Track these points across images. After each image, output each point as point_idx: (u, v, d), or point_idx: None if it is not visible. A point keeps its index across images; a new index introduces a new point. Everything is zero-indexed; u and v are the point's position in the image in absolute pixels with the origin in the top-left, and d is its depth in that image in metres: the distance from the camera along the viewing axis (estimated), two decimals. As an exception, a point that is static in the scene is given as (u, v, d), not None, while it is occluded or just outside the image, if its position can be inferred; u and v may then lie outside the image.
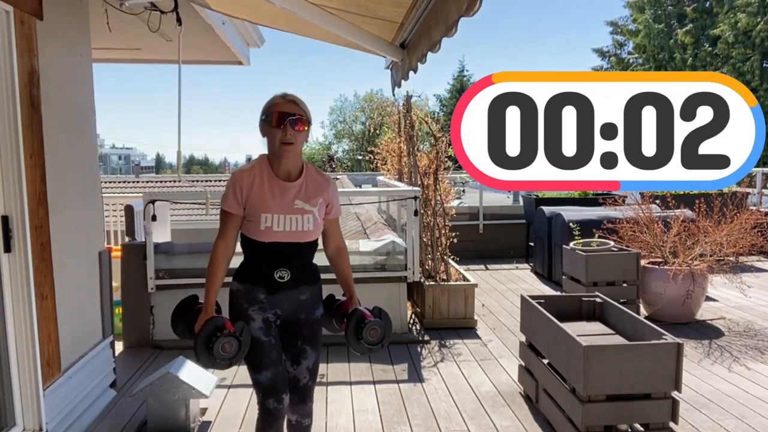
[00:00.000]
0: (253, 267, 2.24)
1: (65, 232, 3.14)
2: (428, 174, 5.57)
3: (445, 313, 5.09)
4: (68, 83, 3.30)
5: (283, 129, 2.12)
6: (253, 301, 2.23)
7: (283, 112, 2.13)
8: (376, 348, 2.28)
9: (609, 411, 2.84)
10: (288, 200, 2.18)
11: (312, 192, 2.23)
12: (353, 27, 3.70)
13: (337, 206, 2.36)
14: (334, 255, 2.40)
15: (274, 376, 2.23)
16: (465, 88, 43.48)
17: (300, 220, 2.19)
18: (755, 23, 24.61)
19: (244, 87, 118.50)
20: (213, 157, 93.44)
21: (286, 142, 2.13)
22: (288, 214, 2.17)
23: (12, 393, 2.69)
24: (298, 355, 2.31)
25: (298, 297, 2.27)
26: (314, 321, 2.33)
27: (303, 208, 2.19)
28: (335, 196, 2.33)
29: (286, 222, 2.17)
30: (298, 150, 2.19)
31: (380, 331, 2.25)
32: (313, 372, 2.35)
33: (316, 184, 2.25)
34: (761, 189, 9.03)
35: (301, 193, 2.21)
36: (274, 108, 2.15)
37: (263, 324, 2.23)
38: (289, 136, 2.13)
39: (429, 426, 3.26)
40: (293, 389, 2.31)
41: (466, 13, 2.35)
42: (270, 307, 2.24)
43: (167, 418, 3.11)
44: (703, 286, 5.01)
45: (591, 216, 6.46)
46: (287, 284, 2.21)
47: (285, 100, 2.17)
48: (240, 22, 4.93)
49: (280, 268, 2.19)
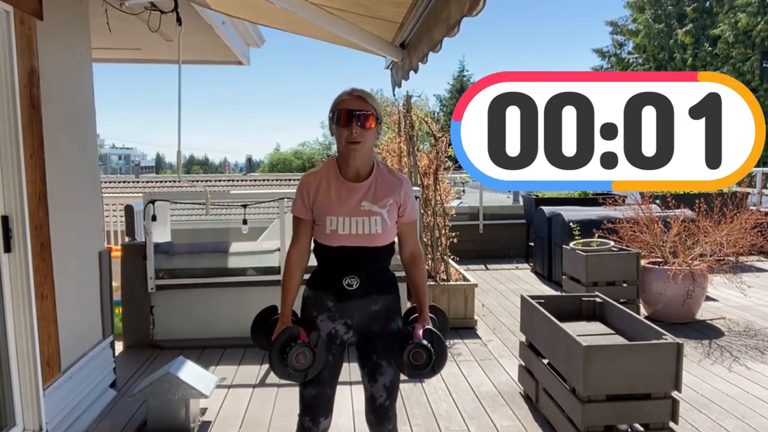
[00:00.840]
0: (322, 273, 2.14)
1: (65, 232, 3.14)
2: (428, 174, 5.57)
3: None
4: (68, 83, 3.30)
5: (349, 128, 2.00)
6: (323, 308, 2.12)
7: (350, 109, 2.00)
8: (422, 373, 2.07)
9: (609, 411, 2.84)
10: (354, 202, 2.06)
11: (381, 193, 2.09)
12: (353, 27, 3.70)
13: (412, 208, 2.18)
14: (408, 263, 2.22)
15: (317, 394, 2.13)
16: (465, 88, 43.48)
17: (367, 223, 2.06)
18: (755, 23, 24.61)
19: (244, 87, 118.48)
20: (213, 157, 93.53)
21: (353, 141, 2.01)
22: (354, 216, 2.05)
23: (12, 393, 2.69)
24: (374, 371, 2.15)
25: (369, 307, 2.12)
26: (390, 334, 2.15)
27: (371, 210, 2.07)
28: (409, 196, 2.16)
29: (352, 225, 2.05)
30: (367, 148, 2.06)
31: (425, 356, 2.03)
32: (390, 390, 2.18)
33: (387, 184, 2.11)
34: (761, 189, 9.03)
35: (369, 194, 2.08)
36: (340, 105, 2.03)
37: (326, 338, 2.12)
38: (355, 134, 2.00)
39: (429, 426, 3.26)
40: (371, 409, 2.19)
41: (468, 13, 2.34)
42: (339, 316, 2.12)
43: (167, 418, 3.11)
44: (703, 286, 5.01)
45: (591, 216, 6.46)
46: (356, 292, 2.08)
47: (352, 96, 2.04)
48: (240, 22, 4.93)
49: (349, 274, 2.07)
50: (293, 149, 48.24)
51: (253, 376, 4.01)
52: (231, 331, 4.68)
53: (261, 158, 56.71)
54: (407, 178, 2.22)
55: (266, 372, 4.07)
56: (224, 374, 4.00)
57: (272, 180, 16.53)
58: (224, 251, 5.09)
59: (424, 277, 2.22)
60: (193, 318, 4.69)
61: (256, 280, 4.69)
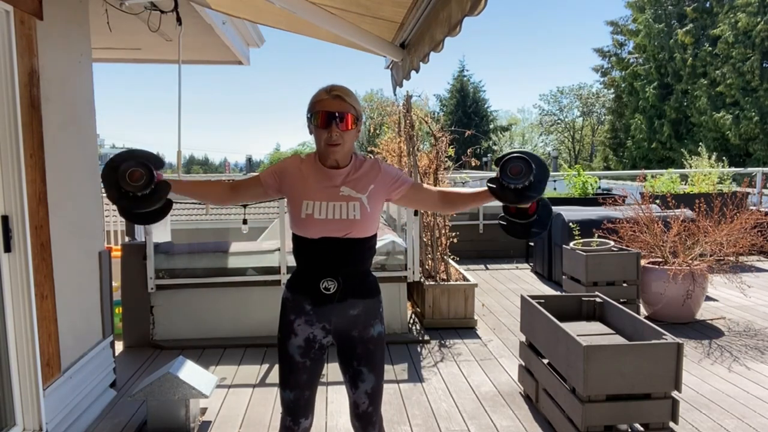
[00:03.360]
0: (300, 275, 2.07)
1: (65, 232, 3.15)
2: (428, 174, 5.58)
3: (445, 313, 5.09)
4: (68, 83, 3.30)
5: (328, 130, 1.91)
6: (300, 312, 2.06)
7: (329, 111, 1.91)
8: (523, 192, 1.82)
9: (609, 411, 2.84)
10: (333, 186, 1.99)
11: (362, 177, 2.02)
12: (353, 27, 3.70)
13: (404, 177, 2.09)
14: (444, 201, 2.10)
15: (296, 398, 2.09)
16: (465, 88, 43.54)
17: (345, 208, 1.97)
18: (755, 23, 24.62)
19: (244, 87, 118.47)
20: (213, 157, 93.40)
21: (333, 143, 1.93)
22: (332, 201, 1.97)
23: (12, 393, 2.69)
24: (355, 377, 2.10)
25: (347, 311, 2.05)
26: (369, 339, 2.08)
27: (349, 195, 1.98)
28: (391, 172, 2.08)
29: (329, 209, 1.97)
30: (347, 149, 1.99)
31: (523, 167, 1.79)
32: (373, 397, 2.12)
33: (366, 169, 2.04)
34: (761, 189, 9.04)
35: (349, 179, 2.01)
36: (318, 106, 1.93)
37: (304, 343, 2.06)
38: (335, 137, 1.92)
39: (429, 426, 3.26)
40: (356, 416, 2.15)
41: (470, 13, 2.33)
42: (317, 320, 2.05)
43: (167, 418, 3.11)
44: (703, 286, 5.01)
45: (591, 216, 6.47)
46: (333, 296, 2.00)
47: (330, 95, 1.93)
48: (240, 22, 4.93)
49: (326, 276, 1.99)
50: (293, 149, 48.28)
51: (253, 376, 4.01)
52: (231, 331, 4.69)
53: (261, 158, 56.71)
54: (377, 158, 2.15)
55: (266, 372, 4.07)
56: (224, 374, 4.00)
57: (272, 180, 16.51)
58: (224, 251, 5.09)
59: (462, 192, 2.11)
60: (193, 318, 4.69)
61: (256, 280, 4.70)
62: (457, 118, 39.58)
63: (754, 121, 25.04)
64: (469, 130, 6.18)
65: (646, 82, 30.38)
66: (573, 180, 8.35)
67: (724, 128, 26.23)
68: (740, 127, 25.59)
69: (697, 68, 27.76)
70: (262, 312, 4.63)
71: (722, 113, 26.27)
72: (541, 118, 46.84)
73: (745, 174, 9.32)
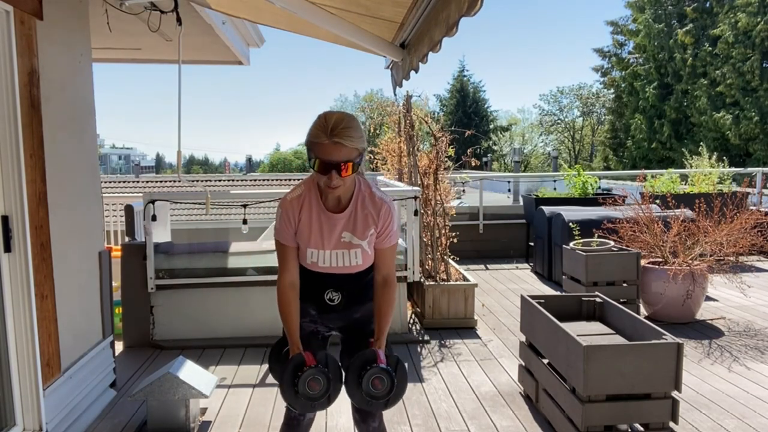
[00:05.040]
0: (304, 285, 2.12)
1: (65, 232, 3.15)
2: (428, 174, 5.58)
3: (445, 313, 5.09)
4: (68, 83, 3.30)
5: (328, 176, 1.89)
6: (305, 314, 2.15)
7: (328, 162, 1.86)
8: (378, 404, 1.96)
9: (609, 411, 2.84)
10: (335, 234, 2.04)
11: (362, 224, 2.04)
12: (353, 27, 3.70)
13: (392, 233, 2.08)
14: (379, 285, 2.11)
15: None
16: (465, 88, 43.56)
17: (347, 255, 2.06)
18: (755, 23, 24.62)
19: (244, 87, 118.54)
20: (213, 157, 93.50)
21: (332, 187, 1.92)
22: (334, 249, 2.05)
23: (12, 393, 2.70)
24: None
25: (351, 316, 2.21)
26: (371, 333, 2.15)
27: (351, 242, 2.04)
28: (390, 223, 2.06)
29: (332, 257, 2.06)
30: (347, 186, 1.99)
31: (386, 383, 1.92)
32: None
33: (368, 213, 2.04)
34: (761, 189, 9.03)
35: (350, 224, 2.04)
36: (317, 151, 1.87)
37: (307, 336, 2.15)
38: (335, 182, 1.90)
39: (429, 426, 3.26)
40: (356, 407, 2.20)
41: (467, 13, 2.34)
42: (321, 322, 2.22)
43: (167, 418, 3.11)
44: (703, 286, 5.01)
45: (591, 216, 6.46)
46: (337, 306, 2.15)
47: (332, 142, 1.84)
48: (240, 22, 4.93)
49: (330, 290, 2.13)
50: (293, 149, 48.28)
51: (253, 376, 4.01)
52: (231, 331, 4.69)
53: (261, 158, 56.72)
54: (391, 202, 2.10)
55: (266, 372, 4.07)
56: (224, 374, 4.00)
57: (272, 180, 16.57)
58: (224, 251, 5.09)
59: (392, 304, 2.11)
60: (193, 318, 4.69)
61: (256, 280, 4.69)
62: (457, 118, 39.61)
63: (754, 121, 25.05)
64: (469, 130, 6.18)
65: (646, 82, 30.39)
66: (573, 180, 8.34)
67: (724, 128, 26.23)
68: (740, 127, 25.60)
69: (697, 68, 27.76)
70: (262, 312, 4.63)
71: (722, 113, 26.27)
72: (541, 118, 46.83)
73: (745, 174, 9.31)
